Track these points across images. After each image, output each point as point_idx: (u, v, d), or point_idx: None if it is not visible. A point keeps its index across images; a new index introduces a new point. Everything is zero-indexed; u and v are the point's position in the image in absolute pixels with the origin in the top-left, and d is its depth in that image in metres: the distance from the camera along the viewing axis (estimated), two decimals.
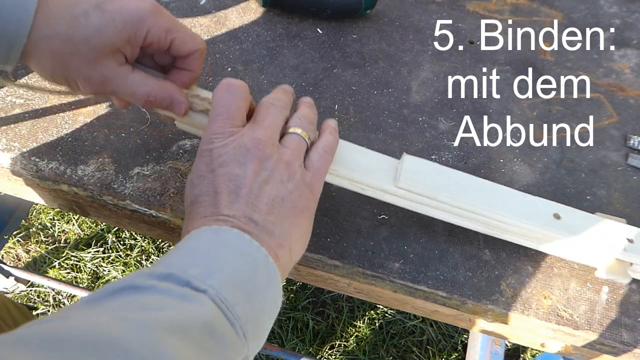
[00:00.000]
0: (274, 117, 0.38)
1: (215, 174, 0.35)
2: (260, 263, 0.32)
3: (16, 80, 0.54)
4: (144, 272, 0.29)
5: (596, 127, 0.58)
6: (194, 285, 0.29)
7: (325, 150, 0.39)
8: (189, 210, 0.36)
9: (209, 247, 0.31)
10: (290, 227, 0.35)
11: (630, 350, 0.44)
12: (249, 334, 0.30)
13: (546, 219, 0.43)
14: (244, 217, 0.34)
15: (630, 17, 0.70)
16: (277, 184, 0.35)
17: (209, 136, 0.36)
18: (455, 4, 0.69)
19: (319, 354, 1.16)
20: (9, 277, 1.14)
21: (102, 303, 0.27)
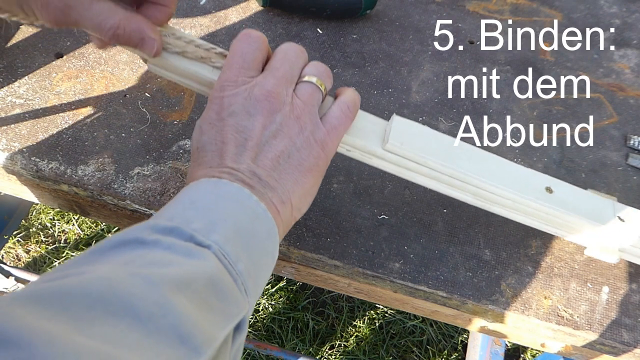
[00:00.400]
0: (289, 66, 0.36)
1: (224, 123, 0.34)
2: (260, 217, 0.32)
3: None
4: (147, 225, 0.29)
5: (596, 127, 0.58)
6: (197, 240, 0.28)
7: (348, 106, 0.37)
8: (195, 156, 0.35)
9: (210, 200, 0.31)
10: (293, 185, 0.34)
11: (630, 350, 0.44)
12: (250, 289, 0.30)
13: (538, 192, 0.42)
14: (248, 171, 0.33)
15: (630, 17, 0.70)
16: (285, 138, 0.34)
17: (222, 83, 0.35)
18: (455, 4, 0.69)
19: (319, 354, 1.16)
20: (9, 277, 1.14)
21: (109, 255, 0.27)
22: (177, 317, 0.24)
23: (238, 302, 0.29)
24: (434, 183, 0.42)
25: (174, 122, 0.53)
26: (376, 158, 0.40)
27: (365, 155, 0.40)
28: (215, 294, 0.27)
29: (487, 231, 0.48)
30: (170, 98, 0.55)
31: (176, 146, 0.51)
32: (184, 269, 0.26)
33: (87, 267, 0.26)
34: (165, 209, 0.32)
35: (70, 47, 0.58)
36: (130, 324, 0.22)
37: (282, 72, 0.35)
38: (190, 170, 0.35)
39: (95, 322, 0.22)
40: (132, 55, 0.58)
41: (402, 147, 0.39)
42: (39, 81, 0.55)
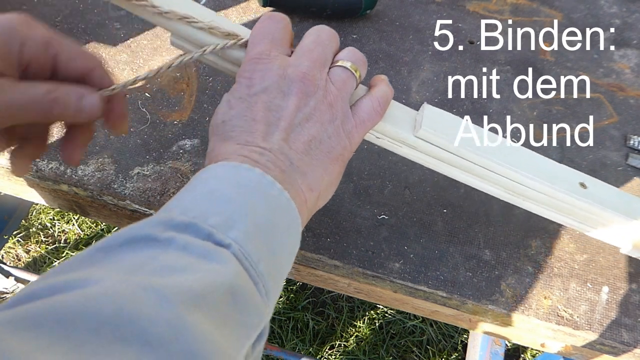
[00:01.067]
0: (322, 49, 0.34)
1: (255, 99, 0.32)
2: (283, 207, 0.30)
3: None
4: (160, 220, 0.26)
5: (596, 127, 0.58)
6: (216, 239, 0.26)
7: (379, 102, 0.36)
8: (219, 129, 0.33)
9: (230, 190, 0.28)
10: (323, 172, 0.33)
11: (630, 351, 0.44)
12: (270, 292, 0.28)
13: (573, 187, 0.40)
14: (280, 152, 0.31)
15: (630, 17, 0.70)
16: (317, 124, 0.33)
17: (254, 56, 0.33)
18: (455, 4, 0.69)
19: (319, 354, 1.16)
20: (9, 277, 1.14)
21: (116, 255, 0.24)
22: (192, 341, 0.21)
23: (259, 310, 0.27)
24: (465, 175, 0.41)
25: (174, 122, 0.53)
26: (406, 146, 0.39)
27: (395, 143, 0.39)
28: (235, 305, 0.25)
29: (487, 231, 0.48)
30: (170, 98, 0.55)
31: (176, 146, 0.51)
32: (201, 276, 0.24)
33: (92, 269, 0.23)
34: (179, 197, 0.29)
35: None
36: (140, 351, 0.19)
37: (316, 55, 0.34)
38: (212, 146, 0.33)
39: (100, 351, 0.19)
40: (132, 55, 0.58)
41: (435, 134, 0.38)
42: None
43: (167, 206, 0.29)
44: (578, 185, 0.41)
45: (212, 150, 0.33)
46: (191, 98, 0.55)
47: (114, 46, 0.59)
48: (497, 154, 0.39)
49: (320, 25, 0.36)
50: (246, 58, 0.34)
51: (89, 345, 0.19)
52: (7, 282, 1.15)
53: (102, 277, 0.22)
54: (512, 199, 0.42)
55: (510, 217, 0.49)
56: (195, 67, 0.58)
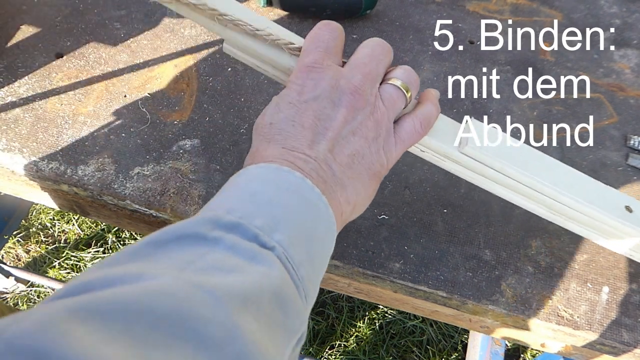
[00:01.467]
0: (377, 64, 0.34)
1: (306, 106, 0.32)
2: (321, 213, 0.30)
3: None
4: (208, 218, 0.27)
5: (596, 127, 0.58)
6: (261, 241, 0.26)
7: (422, 124, 0.36)
8: (265, 130, 0.33)
9: (272, 192, 0.29)
10: (361, 187, 0.33)
11: (630, 351, 0.44)
12: (309, 296, 0.28)
13: (618, 210, 0.39)
14: (324, 162, 0.31)
15: (630, 17, 0.70)
16: (362, 139, 0.33)
17: (307, 64, 0.33)
18: (455, 4, 0.69)
19: (319, 354, 1.16)
20: (9, 277, 1.14)
21: (166, 250, 0.25)
22: (244, 344, 0.21)
23: (300, 314, 0.27)
24: (508, 192, 0.40)
25: (174, 122, 0.53)
26: (450, 161, 0.39)
27: (439, 157, 0.39)
28: (280, 308, 0.25)
29: (487, 231, 0.48)
30: (170, 98, 0.55)
31: (176, 146, 0.51)
32: (250, 278, 0.24)
33: (144, 263, 0.24)
34: (222, 196, 0.29)
35: (70, 47, 0.58)
36: (196, 350, 0.20)
37: (369, 69, 0.34)
38: (257, 146, 0.33)
39: (160, 346, 0.19)
40: (132, 55, 0.58)
41: (481, 151, 0.38)
42: (39, 81, 0.55)
43: (211, 205, 0.29)
44: (624, 209, 0.40)
45: (257, 150, 0.33)
46: (191, 98, 0.55)
47: (114, 46, 0.59)
48: (542, 174, 0.38)
49: (376, 38, 0.36)
50: (299, 65, 0.34)
51: (150, 338, 0.19)
52: (7, 282, 1.15)
53: (157, 273, 0.22)
54: (554, 218, 0.41)
55: (511, 217, 0.49)
56: (196, 67, 0.58)
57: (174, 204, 0.47)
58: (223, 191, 0.30)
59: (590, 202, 0.39)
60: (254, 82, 0.57)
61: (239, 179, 0.30)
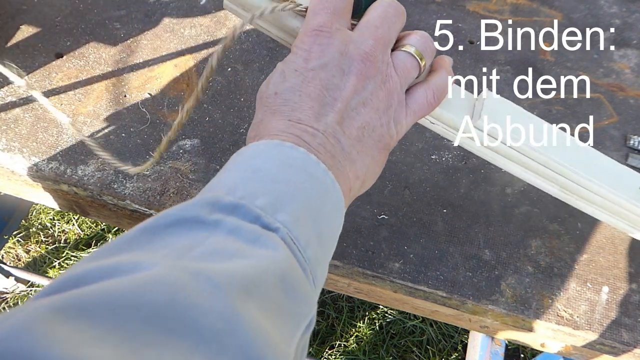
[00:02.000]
0: (389, 28, 0.32)
1: (313, 74, 0.30)
2: (328, 190, 0.28)
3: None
4: (207, 200, 0.25)
5: (596, 127, 0.58)
6: (264, 222, 0.25)
7: (435, 95, 0.33)
8: (270, 100, 0.31)
9: (276, 169, 0.27)
10: (370, 161, 0.32)
11: (630, 350, 0.44)
12: (318, 279, 0.27)
13: (632, 191, 0.38)
14: (332, 136, 0.30)
15: (630, 17, 0.70)
16: (372, 110, 0.31)
17: (314, 27, 0.31)
18: (455, 4, 0.69)
19: (319, 354, 1.16)
20: (9, 277, 1.14)
21: (164, 237, 0.23)
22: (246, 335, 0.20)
23: (308, 299, 0.25)
24: (521, 170, 0.39)
25: (173, 122, 0.53)
26: (462, 134, 0.37)
27: (450, 130, 0.37)
28: (286, 293, 0.24)
29: (487, 231, 0.48)
30: (170, 98, 0.55)
31: (176, 146, 0.51)
32: (252, 263, 0.23)
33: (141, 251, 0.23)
34: (223, 176, 0.28)
35: (70, 47, 0.58)
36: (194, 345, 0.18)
37: (380, 33, 0.31)
38: (261, 117, 0.31)
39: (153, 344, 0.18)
40: (132, 55, 0.58)
41: (495, 125, 0.36)
42: (39, 81, 0.55)
43: (211, 185, 0.27)
44: (638, 189, 0.38)
45: (261, 121, 0.31)
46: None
47: (114, 46, 0.59)
48: (557, 152, 0.37)
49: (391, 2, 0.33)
50: (305, 28, 0.32)
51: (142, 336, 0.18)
52: (7, 282, 1.15)
53: (153, 262, 0.21)
54: (565, 197, 0.40)
55: (510, 217, 0.49)
56: (196, 67, 0.58)
57: (174, 203, 0.47)
58: (224, 169, 0.28)
59: (604, 182, 0.37)
60: (254, 82, 0.57)
61: (240, 156, 0.29)
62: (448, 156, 0.53)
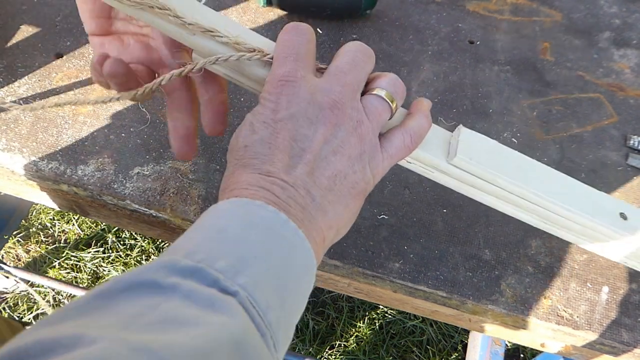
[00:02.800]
0: (358, 73, 0.32)
1: (280, 126, 0.30)
2: (297, 248, 0.28)
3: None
4: (164, 263, 0.25)
5: (596, 127, 0.58)
6: (222, 286, 0.24)
7: (412, 138, 0.33)
8: (240, 153, 0.31)
9: (240, 229, 0.27)
10: (344, 210, 0.31)
11: (630, 350, 0.44)
12: (279, 343, 0.26)
13: (612, 218, 0.38)
14: (303, 188, 0.29)
15: (630, 17, 0.70)
16: (344, 158, 0.31)
17: (279, 77, 0.31)
18: (455, 4, 0.69)
19: (319, 354, 1.16)
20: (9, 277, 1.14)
21: (116, 303, 0.23)
22: None
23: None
24: (500, 203, 0.39)
25: None
26: (438, 172, 0.37)
27: (427, 168, 0.37)
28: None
29: (487, 231, 0.48)
30: None
31: None
32: (205, 331, 0.22)
33: (88, 319, 0.22)
34: (186, 237, 0.27)
35: (70, 47, 0.58)
36: None
37: (349, 79, 0.31)
38: (232, 170, 0.31)
39: None
40: None
41: (471, 162, 0.36)
42: (39, 81, 0.55)
43: (174, 247, 0.27)
44: (618, 216, 0.38)
45: (232, 174, 0.31)
46: None
47: None
48: (534, 183, 0.37)
49: (357, 43, 0.34)
50: (271, 78, 0.32)
51: None
52: (7, 282, 1.15)
53: (95, 335, 0.20)
54: (547, 227, 0.40)
55: (510, 217, 0.49)
56: None
57: (174, 203, 0.47)
58: (190, 229, 0.28)
59: (583, 211, 0.37)
60: None
61: (207, 215, 0.28)
62: None
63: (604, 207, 0.38)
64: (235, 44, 0.34)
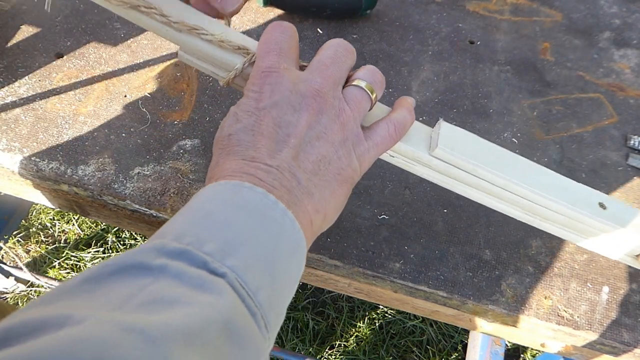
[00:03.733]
0: (339, 67, 0.33)
1: (264, 113, 0.31)
2: (286, 230, 0.28)
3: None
4: (154, 246, 0.25)
5: (596, 127, 0.58)
6: (210, 267, 0.24)
7: (396, 128, 0.34)
8: (224, 143, 0.31)
9: (229, 212, 0.27)
10: (330, 194, 0.32)
11: (630, 350, 0.44)
12: (270, 323, 0.26)
13: (592, 208, 0.38)
14: (288, 170, 0.30)
15: (630, 17, 0.70)
16: (327, 143, 0.32)
17: (263, 69, 0.32)
18: (455, 4, 0.69)
19: (319, 354, 1.16)
20: (9, 277, 1.14)
21: (106, 286, 0.23)
22: None
23: (257, 346, 0.25)
24: (482, 195, 0.39)
25: (174, 122, 0.53)
26: (421, 165, 0.38)
27: (410, 162, 0.38)
28: (231, 341, 0.23)
29: (487, 231, 0.48)
30: (171, 98, 0.55)
31: (176, 146, 0.51)
32: (194, 311, 0.22)
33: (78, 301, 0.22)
34: (175, 220, 0.28)
35: (70, 47, 0.58)
36: None
37: (330, 71, 0.33)
38: (216, 160, 0.31)
39: None
40: (132, 55, 0.58)
41: (452, 153, 0.36)
42: (39, 81, 0.55)
43: (162, 230, 0.27)
44: (597, 205, 0.39)
45: (217, 164, 0.31)
46: (191, 98, 0.55)
47: (114, 46, 0.59)
48: (516, 174, 0.38)
49: (338, 39, 0.35)
50: (255, 71, 0.33)
51: None
52: (7, 282, 1.15)
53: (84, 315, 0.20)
54: (529, 219, 0.41)
55: (511, 217, 0.49)
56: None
57: (174, 204, 0.47)
58: (179, 213, 0.28)
59: (563, 200, 0.38)
60: None
61: (195, 199, 0.29)
62: None
63: (583, 197, 0.39)
64: (220, 41, 0.35)
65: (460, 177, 0.38)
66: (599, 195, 0.40)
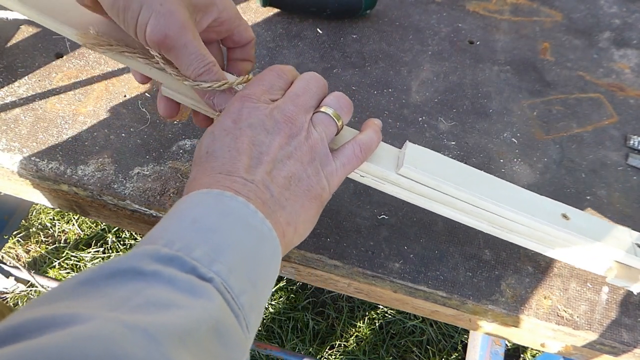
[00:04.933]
0: (309, 96, 0.37)
1: (240, 132, 0.34)
2: (265, 237, 0.31)
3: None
4: (146, 252, 0.27)
5: (596, 127, 0.58)
6: (199, 273, 0.27)
7: (362, 149, 0.38)
8: (202, 159, 0.34)
9: (213, 219, 0.29)
10: (300, 209, 0.34)
11: (630, 350, 0.44)
12: (251, 324, 0.29)
13: (555, 219, 0.41)
14: (262, 184, 0.33)
15: (630, 17, 0.70)
16: (297, 162, 0.35)
17: (244, 95, 0.36)
18: (455, 4, 0.69)
19: (319, 354, 1.16)
20: (9, 277, 1.14)
21: (101, 289, 0.24)
22: None
23: (240, 345, 0.27)
24: (449, 210, 0.42)
25: (174, 122, 0.53)
26: (389, 184, 0.40)
27: (378, 181, 0.40)
28: (219, 340, 0.25)
29: None
30: None
31: (176, 146, 0.51)
32: (187, 313, 0.24)
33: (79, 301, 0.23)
34: (163, 226, 0.30)
35: (70, 47, 0.58)
36: None
37: (302, 101, 0.36)
38: (194, 175, 0.34)
39: None
40: None
41: (417, 171, 0.39)
42: (39, 81, 0.55)
43: (152, 235, 0.29)
44: (561, 216, 0.41)
45: (194, 179, 0.33)
46: None
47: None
48: (479, 189, 0.40)
49: (312, 73, 0.39)
50: (236, 95, 0.36)
51: None
52: (7, 282, 1.15)
53: (90, 314, 0.22)
54: (495, 232, 0.43)
55: None
56: None
57: (174, 204, 0.47)
58: (166, 217, 0.30)
59: (526, 212, 0.40)
60: None
61: (182, 204, 0.31)
62: (448, 156, 0.53)
63: (546, 208, 0.41)
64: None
65: (426, 194, 0.41)
66: (563, 207, 0.42)
